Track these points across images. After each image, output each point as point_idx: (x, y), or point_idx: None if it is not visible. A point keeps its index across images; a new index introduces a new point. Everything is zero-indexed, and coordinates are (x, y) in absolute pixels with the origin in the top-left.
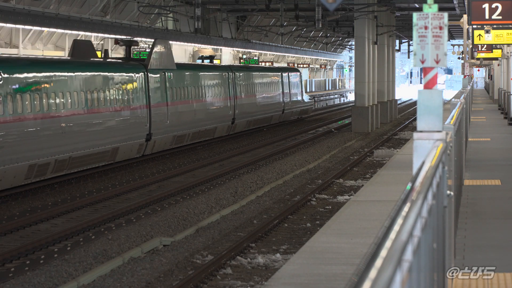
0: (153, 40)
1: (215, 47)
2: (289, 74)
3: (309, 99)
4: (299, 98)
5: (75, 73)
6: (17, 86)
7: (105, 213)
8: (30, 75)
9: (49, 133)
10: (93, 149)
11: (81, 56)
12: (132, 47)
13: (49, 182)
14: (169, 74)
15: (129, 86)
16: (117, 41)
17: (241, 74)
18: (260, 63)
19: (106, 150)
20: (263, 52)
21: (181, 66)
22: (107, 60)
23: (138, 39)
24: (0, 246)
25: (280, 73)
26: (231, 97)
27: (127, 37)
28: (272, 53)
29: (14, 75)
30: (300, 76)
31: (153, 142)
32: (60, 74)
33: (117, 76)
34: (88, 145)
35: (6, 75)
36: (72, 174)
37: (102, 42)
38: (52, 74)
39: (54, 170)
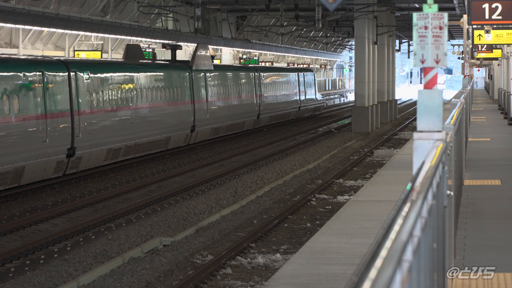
0: (154, 40)
1: (215, 47)
2: (304, 74)
3: (321, 97)
4: (313, 96)
5: (139, 73)
6: (99, 83)
7: (105, 213)
8: (108, 75)
9: (121, 123)
10: (152, 137)
11: (133, 58)
12: (176, 50)
13: (49, 182)
14: (208, 74)
15: (179, 84)
16: (164, 46)
17: (264, 74)
18: (260, 63)
19: (161, 139)
20: (263, 52)
21: (217, 67)
22: (159, 61)
23: (139, 39)
24: (0, 246)
25: (297, 73)
26: (257, 95)
27: (173, 42)
28: (272, 53)
29: (97, 75)
30: (314, 75)
31: (196, 133)
32: (128, 74)
33: (170, 75)
34: (148, 134)
35: (92, 75)
36: (72, 174)
37: (102, 42)
38: (122, 74)
39: (124, 154)
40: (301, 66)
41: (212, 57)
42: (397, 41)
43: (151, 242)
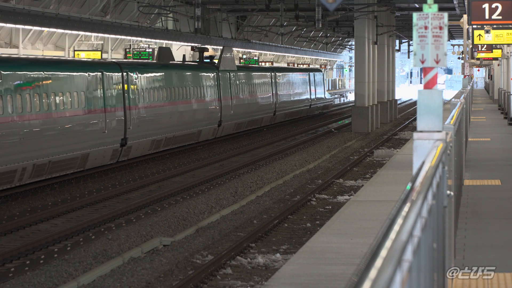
0: (154, 40)
1: (215, 47)
2: (315, 74)
3: (330, 96)
4: (322, 95)
5: (176, 73)
6: (145, 82)
7: (105, 213)
8: (152, 75)
9: (162, 118)
10: (187, 130)
11: (164, 60)
12: (203, 53)
13: (49, 182)
14: (232, 74)
15: (209, 83)
16: (192, 48)
17: (280, 74)
18: (260, 63)
19: (194, 132)
20: (263, 52)
21: (240, 68)
22: (189, 63)
23: (139, 39)
24: (0, 246)
25: (308, 73)
26: (273, 94)
27: (199, 45)
28: (272, 53)
29: (144, 75)
30: (323, 75)
31: (222, 127)
32: (167, 74)
33: (201, 75)
34: (184, 128)
35: (140, 75)
36: (72, 174)
37: (102, 42)
38: (163, 74)
39: (164, 145)
40: (301, 66)
41: (212, 57)
42: (397, 41)
43: (151, 242)
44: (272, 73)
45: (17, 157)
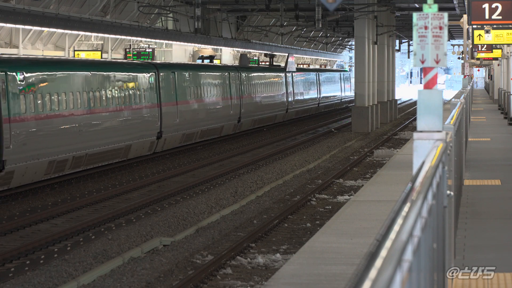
0: (154, 40)
1: (215, 47)
2: (344, 73)
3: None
4: (350, 91)
5: (262, 74)
6: (249, 79)
7: (105, 213)
8: (251, 74)
9: (256, 104)
10: (268, 114)
11: (243, 63)
12: (273, 58)
13: (49, 182)
14: (293, 74)
15: (280, 80)
16: (266, 55)
17: (322, 74)
18: (261, 63)
19: (272, 116)
20: (263, 52)
21: (297, 69)
22: (264, 65)
23: (139, 39)
24: (0, 246)
25: (339, 73)
26: (317, 90)
27: (270, 52)
28: (272, 53)
29: (247, 74)
30: (350, 75)
31: (288, 113)
32: (257, 74)
33: (276, 75)
34: (267, 112)
35: (246, 74)
36: (72, 174)
37: (102, 42)
38: (255, 74)
39: (257, 123)
40: (301, 66)
41: (212, 57)
42: (397, 41)
43: (151, 242)
44: (317, 73)
45: (196, 124)
